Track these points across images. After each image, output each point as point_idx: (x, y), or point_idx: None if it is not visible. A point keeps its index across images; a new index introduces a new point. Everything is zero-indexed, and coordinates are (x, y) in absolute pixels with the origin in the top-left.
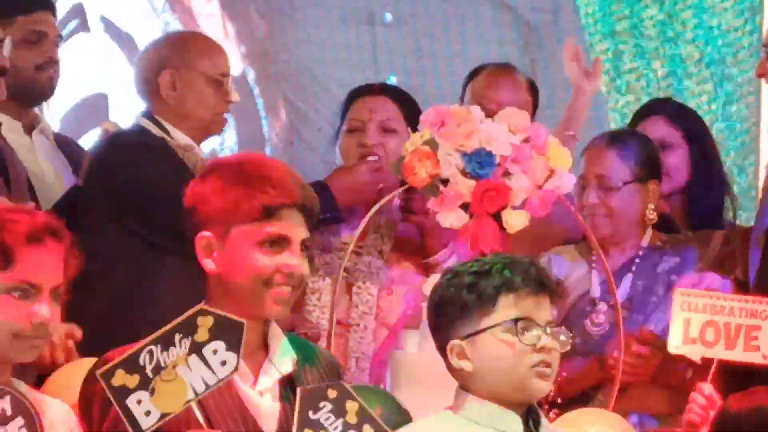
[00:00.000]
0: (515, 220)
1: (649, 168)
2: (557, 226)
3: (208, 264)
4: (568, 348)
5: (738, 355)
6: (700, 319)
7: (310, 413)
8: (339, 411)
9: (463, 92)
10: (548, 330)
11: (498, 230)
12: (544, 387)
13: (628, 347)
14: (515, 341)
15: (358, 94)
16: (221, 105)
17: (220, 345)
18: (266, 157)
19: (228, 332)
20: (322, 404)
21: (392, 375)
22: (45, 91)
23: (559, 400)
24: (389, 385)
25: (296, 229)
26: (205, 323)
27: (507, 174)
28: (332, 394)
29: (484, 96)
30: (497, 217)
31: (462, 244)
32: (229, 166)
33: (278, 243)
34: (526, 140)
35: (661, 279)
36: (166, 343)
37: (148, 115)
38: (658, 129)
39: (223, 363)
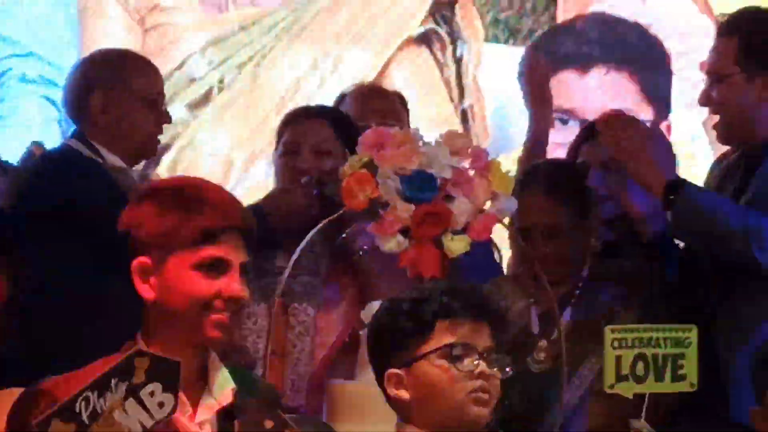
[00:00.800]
0: (456, 245)
1: (587, 202)
2: None
3: (145, 290)
4: (509, 375)
5: (667, 386)
6: (630, 354)
7: None
8: None
9: None
10: (486, 356)
11: (438, 255)
12: (481, 413)
13: None
14: (451, 367)
15: (292, 117)
16: (156, 127)
17: (157, 387)
18: (204, 180)
19: (165, 373)
20: None
21: (329, 406)
22: None
23: None
24: (326, 415)
25: (236, 252)
26: (141, 364)
27: (448, 197)
28: (269, 424)
29: (360, 112)
30: (438, 241)
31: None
32: (166, 190)
33: (218, 267)
34: (468, 163)
35: (604, 310)
36: (102, 388)
37: (79, 136)
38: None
39: (161, 405)
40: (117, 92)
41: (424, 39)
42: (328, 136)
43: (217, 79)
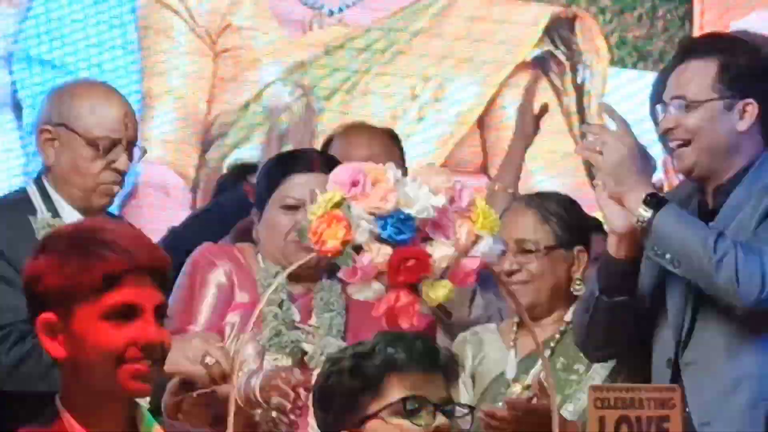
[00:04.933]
0: (437, 292)
1: (575, 232)
2: None
3: (54, 348)
4: (469, 426)
5: None
6: (613, 415)
7: None
8: None
9: None
10: (443, 408)
11: (418, 304)
12: None
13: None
14: (406, 423)
15: (294, 167)
16: (104, 173)
17: None
18: (106, 220)
19: None
20: None
21: None
22: None
23: None
24: None
25: (146, 294)
26: None
27: (427, 240)
28: None
29: (349, 154)
30: (416, 288)
31: None
32: (62, 237)
33: (127, 313)
34: (449, 202)
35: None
36: None
37: (38, 177)
38: None
39: None
40: (61, 131)
41: (540, 63)
42: None
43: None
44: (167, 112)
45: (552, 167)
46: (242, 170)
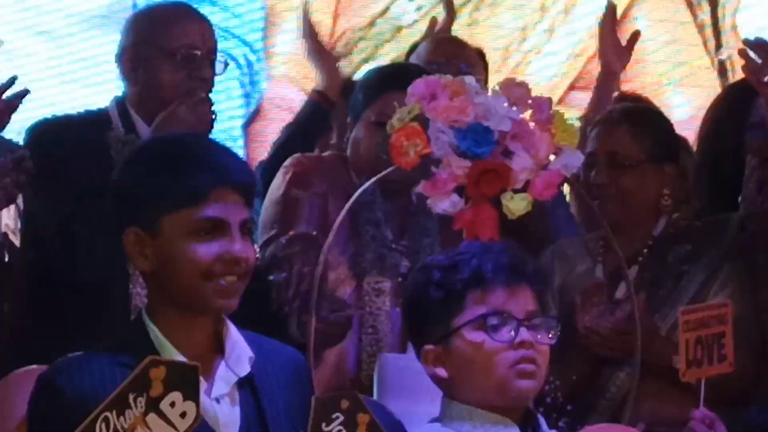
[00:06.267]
0: (517, 205)
1: (666, 148)
2: None
3: (141, 263)
4: (555, 341)
5: (715, 368)
6: (691, 337)
7: (323, 425)
8: (350, 424)
9: None
10: (528, 322)
11: (497, 217)
12: (527, 387)
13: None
14: (487, 340)
15: (391, 83)
16: (186, 83)
17: (177, 396)
18: (196, 136)
19: (183, 380)
20: (335, 415)
21: (380, 380)
22: None
23: (569, 407)
24: (376, 390)
25: (232, 210)
26: (157, 375)
27: (507, 153)
28: (345, 404)
29: (431, 54)
30: (496, 201)
31: None
32: (152, 149)
33: (214, 229)
34: (529, 115)
35: (671, 270)
36: (121, 406)
37: (119, 98)
38: None
39: (183, 414)
40: (141, 49)
41: None
42: None
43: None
44: (292, 29)
45: (684, 81)
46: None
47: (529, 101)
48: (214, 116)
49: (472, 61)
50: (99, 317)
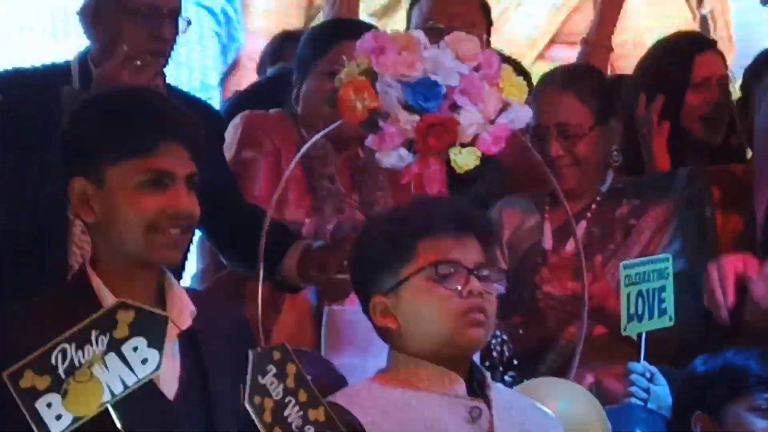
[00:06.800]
0: (464, 159)
1: (609, 105)
2: None
3: (84, 212)
4: (503, 291)
5: (654, 323)
6: (633, 291)
7: (259, 378)
8: (281, 375)
9: (408, 23)
10: (477, 272)
11: (444, 170)
12: (477, 335)
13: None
14: (437, 287)
15: (342, 34)
16: (151, 44)
17: (141, 341)
18: (147, 89)
19: (150, 327)
20: (268, 367)
21: (327, 333)
22: None
23: (515, 361)
24: (323, 344)
25: (179, 163)
26: (125, 318)
27: (455, 107)
28: (276, 356)
29: (432, 11)
30: (444, 155)
31: None
32: (102, 101)
33: (160, 181)
34: (477, 69)
35: (619, 223)
36: (82, 340)
37: (82, 54)
38: None
39: (144, 361)
40: (105, 4)
41: None
42: None
43: None
44: None
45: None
46: (285, 38)
47: (478, 55)
48: (162, 81)
49: (474, 19)
50: (33, 273)
